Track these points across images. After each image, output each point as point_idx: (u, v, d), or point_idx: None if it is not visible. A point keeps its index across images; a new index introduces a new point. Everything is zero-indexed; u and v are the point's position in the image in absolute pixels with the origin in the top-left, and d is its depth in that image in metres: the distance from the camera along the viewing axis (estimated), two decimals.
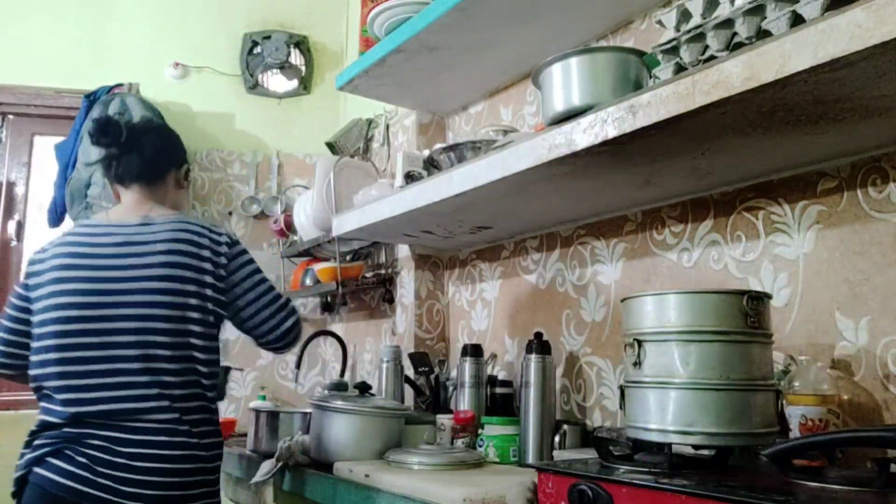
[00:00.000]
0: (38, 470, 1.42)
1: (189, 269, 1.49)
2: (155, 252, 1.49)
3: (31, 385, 1.53)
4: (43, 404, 1.49)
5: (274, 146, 3.13)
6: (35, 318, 1.52)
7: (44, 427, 1.46)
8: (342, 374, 2.69)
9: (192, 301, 1.49)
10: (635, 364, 1.13)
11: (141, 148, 1.62)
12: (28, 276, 1.58)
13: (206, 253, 1.51)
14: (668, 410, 1.08)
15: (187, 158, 1.77)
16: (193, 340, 1.50)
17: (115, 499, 1.36)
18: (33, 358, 1.50)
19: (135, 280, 1.47)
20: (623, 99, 1.19)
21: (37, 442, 1.45)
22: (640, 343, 1.13)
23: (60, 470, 1.39)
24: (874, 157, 1.27)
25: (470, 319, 2.28)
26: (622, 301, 1.21)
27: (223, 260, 1.53)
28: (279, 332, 1.61)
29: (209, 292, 1.52)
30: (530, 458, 1.57)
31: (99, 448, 1.39)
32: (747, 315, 1.08)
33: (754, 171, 1.42)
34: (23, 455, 1.47)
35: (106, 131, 1.59)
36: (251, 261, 1.60)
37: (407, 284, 2.41)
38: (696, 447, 1.13)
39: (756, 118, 1.12)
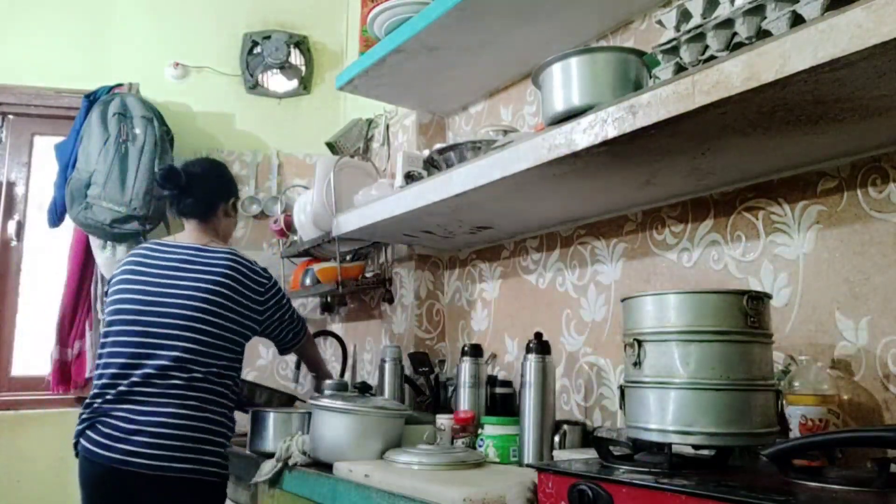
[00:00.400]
0: (81, 441, 1.78)
1: (235, 294, 1.87)
2: (210, 273, 1.86)
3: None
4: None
5: (274, 146, 3.13)
6: (104, 321, 1.93)
7: (85, 405, 1.82)
8: (342, 374, 2.69)
9: (230, 319, 1.85)
10: (635, 364, 1.13)
11: (195, 191, 2.02)
12: (107, 285, 2.03)
13: (251, 284, 1.91)
14: (668, 410, 1.08)
15: (236, 191, 2.14)
16: (223, 352, 1.84)
17: (131, 458, 1.70)
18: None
19: (188, 289, 1.83)
20: (623, 99, 1.19)
21: (82, 415, 1.82)
22: (640, 343, 1.13)
23: (94, 441, 1.74)
24: (874, 157, 1.27)
25: (470, 319, 2.28)
26: (622, 301, 1.21)
27: (261, 298, 1.93)
28: (291, 343, 2.11)
29: (246, 314, 1.89)
30: (530, 458, 1.57)
31: (121, 419, 1.74)
32: (747, 315, 1.08)
33: (754, 171, 1.42)
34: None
35: (169, 178, 1.99)
36: (282, 297, 2.01)
37: (407, 284, 2.41)
38: (696, 447, 1.13)
39: (756, 118, 1.12)
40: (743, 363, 1.07)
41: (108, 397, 1.76)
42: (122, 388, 1.75)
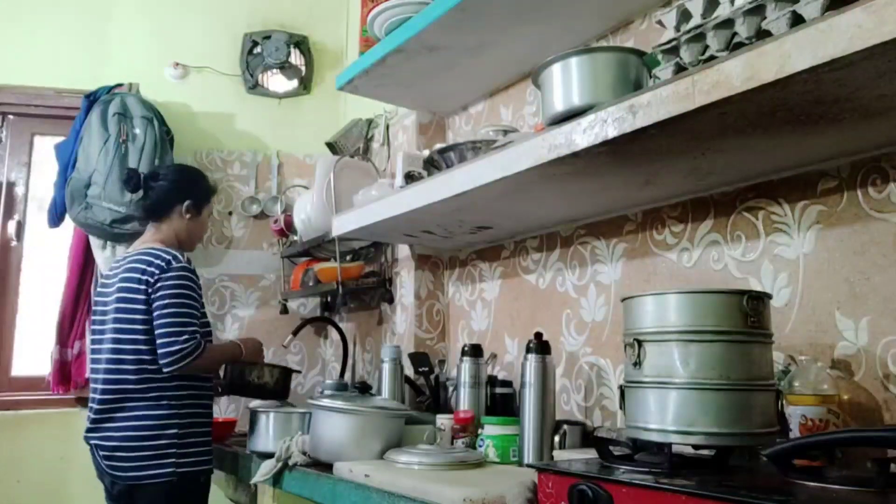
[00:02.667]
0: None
1: (133, 291, 1.95)
2: (115, 282, 1.99)
3: None
4: None
5: (274, 146, 3.13)
6: None
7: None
8: (342, 374, 2.69)
9: (139, 315, 1.94)
10: (635, 364, 1.13)
11: (150, 193, 2.11)
12: None
13: (146, 277, 1.94)
14: (669, 410, 1.08)
15: (200, 194, 2.15)
16: (141, 346, 1.93)
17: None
18: None
19: (113, 300, 1.98)
20: (623, 99, 1.19)
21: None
22: (640, 343, 1.13)
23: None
24: (874, 157, 1.27)
25: (470, 319, 2.28)
26: (622, 301, 1.21)
27: (153, 280, 1.93)
28: (161, 353, 1.90)
29: (143, 308, 1.94)
30: (530, 458, 1.57)
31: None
32: (747, 315, 1.08)
33: (754, 171, 1.42)
34: None
35: (128, 181, 2.14)
36: (174, 286, 1.94)
37: (407, 284, 2.41)
38: (696, 447, 1.13)
39: (756, 118, 1.12)
40: (743, 363, 1.07)
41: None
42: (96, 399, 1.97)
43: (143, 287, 1.92)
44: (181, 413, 1.93)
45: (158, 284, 1.92)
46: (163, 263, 1.94)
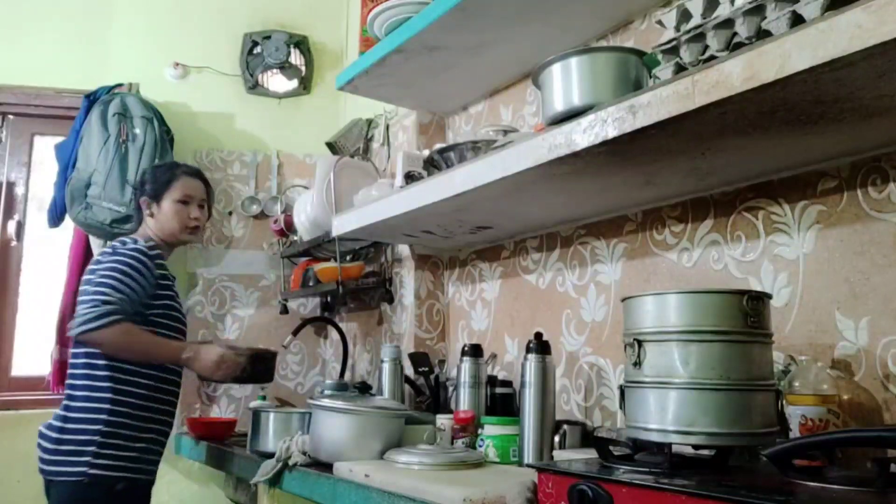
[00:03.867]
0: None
1: (88, 273, 1.95)
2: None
3: None
4: None
5: (274, 146, 3.12)
6: None
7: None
8: (342, 374, 2.69)
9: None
10: (635, 364, 1.13)
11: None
12: None
13: (97, 257, 2.00)
14: (669, 410, 1.08)
15: (153, 186, 2.13)
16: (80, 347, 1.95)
17: None
18: None
19: None
20: (623, 99, 1.19)
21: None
22: (640, 343, 1.13)
23: None
24: (874, 157, 1.27)
25: (470, 319, 2.28)
26: (622, 301, 1.21)
27: (99, 258, 1.97)
28: (75, 328, 1.83)
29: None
30: (530, 458, 1.57)
31: None
32: (747, 315, 1.08)
33: (754, 171, 1.42)
34: None
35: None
36: (112, 262, 1.91)
37: (407, 284, 2.41)
38: (696, 447, 1.13)
39: (756, 118, 1.12)
40: (743, 363, 1.07)
41: None
42: None
43: (93, 267, 1.94)
44: (114, 410, 1.86)
45: (100, 262, 1.92)
46: (110, 247, 1.98)
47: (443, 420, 1.82)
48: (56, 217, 2.69)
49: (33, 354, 2.79)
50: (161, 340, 1.96)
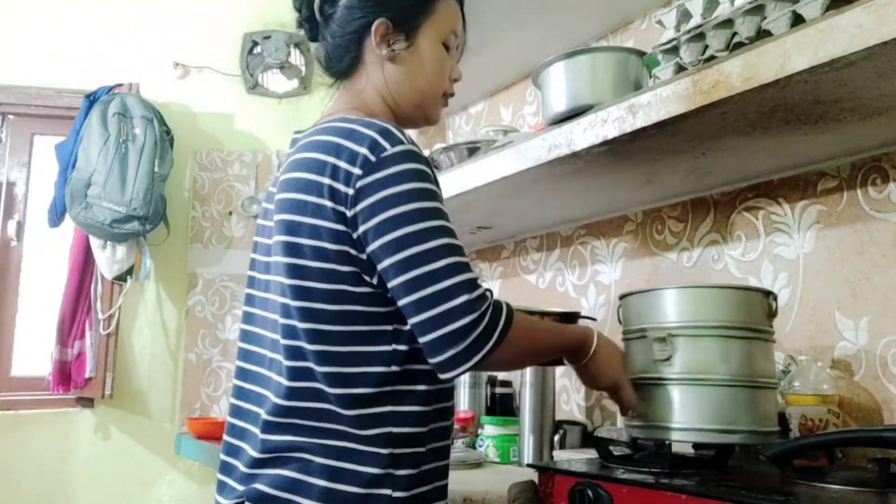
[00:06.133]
0: None
1: (303, 210, 0.96)
2: (277, 198, 1.03)
3: None
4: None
5: (274, 146, 3.12)
6: None
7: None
8: None
9: (315, 255, 1.00)
10: (664, 361, 1.08)
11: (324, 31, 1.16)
12: None
13: (328, 180, 0.95)
14: (705, 408, 1.05)
15: (398, 5, 1.09)
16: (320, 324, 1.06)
17: None
18: None
19: (272, 235, 1.08)
20: (623, 99, 1.19)
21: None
22: (671, 338, 1.08)
23: None
24: (874, 157, 1.27)
25: None
26: (640, 293, 1.17)
27: (350, 182, 0.94)
28: (428, 340, 0.93)
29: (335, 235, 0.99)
30: (530, 458, 1.57)
31: None
32: (769, 314, 1.10)
33: (754, 171, 1.41)
34: None
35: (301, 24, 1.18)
36: (400, 192, 0.93)
37: None
38: (723, 446, 1.12)
39: (756, 118, 1.12)
40: (770, 362, 1.09)
41: None
42: None
43: (324, 202, 0.94)
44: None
45: (363, 197, 0.92)
46: (362, 150, 0.93)
47: None
48: (56, 217, 2.69)
49: (33, 354, 2.79)
50: (550, 323, 1.17)
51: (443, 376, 0.91)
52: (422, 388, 0.95)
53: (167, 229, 2.77)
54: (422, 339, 0.91)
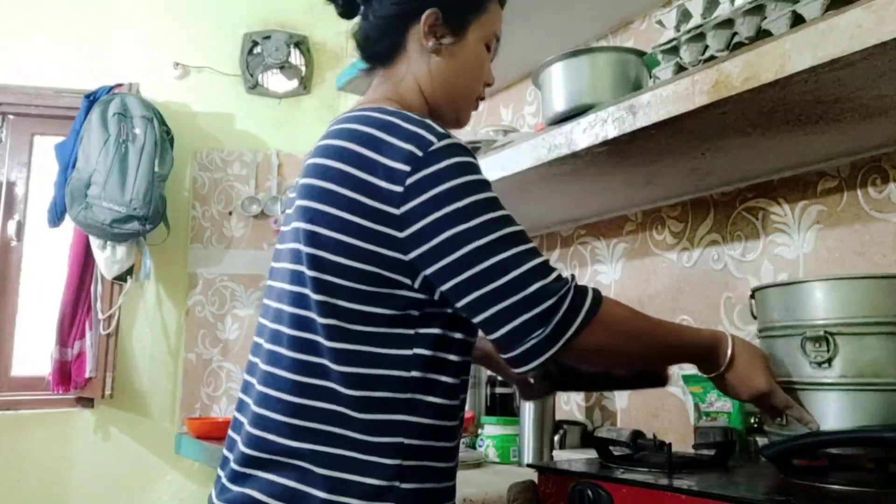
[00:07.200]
0: None
1: (337, 203, 0.91)
2: (299, 191, 1.00)
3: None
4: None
5: (274, 146, 3.12)
6: None
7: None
8: None
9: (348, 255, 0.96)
10: (823, 363, 0.96)
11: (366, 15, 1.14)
12: None
13: (365, 175, 0.90)
14: (872, 417, 0.94)
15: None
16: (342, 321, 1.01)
17: None
18: None
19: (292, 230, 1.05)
20: (623, 99, 1.19)
21: None
22: (831, 337, 0.96)
23: None
24: (874, 157, 1.27)
25: None
26: (785, 286, 1.04)
27: (394, 183, 0.89)
28: (502, 339, 0.89)
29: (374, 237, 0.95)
30: (530, 458, 1.57)
31: None
32: None
33: (754, 171, 1.42)
34: None
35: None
36: (450, 189, 0.89)
37: None
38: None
39: (756, 118, 1.12)
40: None
41: None
42: None
43: (364, 199, 0.89)
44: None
45: (414, 196, 0.87)
46: (408, 147, 0.89)
47: None
48: (56, 217, 2.69)
49: (33, 354, 2.79)
50: (664, 320, 1.02)
51: (519, 370, 0.86)
52: (438, 401, 0.90)
53: (167, 229, 2.77)
54: (494, 335, 0.85)
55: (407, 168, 0.87)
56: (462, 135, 2.38)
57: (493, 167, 1.48)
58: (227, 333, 2.93)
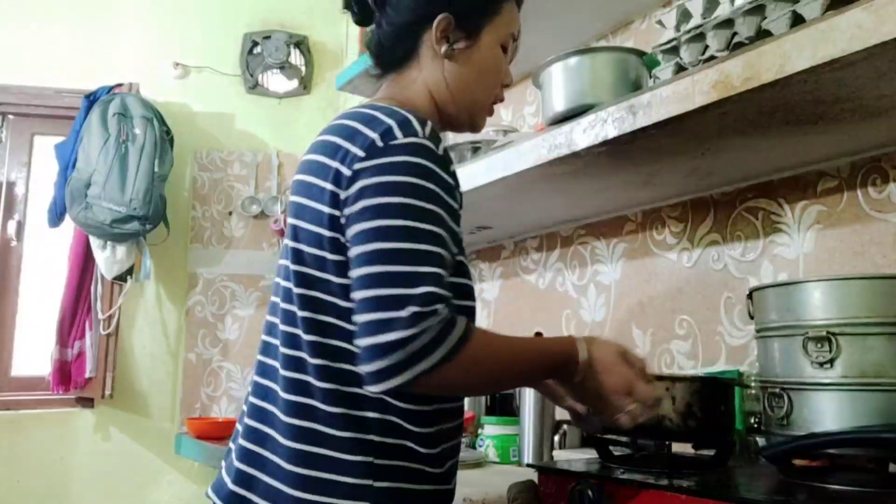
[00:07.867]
0: None
1: (312, 195, 0.93)
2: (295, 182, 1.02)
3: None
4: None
5: (274, 146, 3.12)
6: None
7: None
8: None
9: (321, 247, 0.97)
10: (825, 364, 0.96)
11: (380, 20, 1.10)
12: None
13: (335, 164, 0.90)
14: (875, 418, 0.94)
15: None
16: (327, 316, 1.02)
17: None
18: None
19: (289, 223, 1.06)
20: (623, 99, 1.19)
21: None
22: (833, 337, 0.95)
23: None
24: (874, 157, 1.27)
25: None
26: (784, 286, 1.04)
27: (348, 171, 0.89)
28: (362, 346, 0.87)
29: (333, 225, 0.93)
30: (530, 458, 1.56)
31: None
32: None
33: (754, 171, 1.41)
34: None
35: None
36: (386, 183, 0.87)
37: None
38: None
39: (756, 118, 1.12)
40: None
41: None
42: None
43: (327, 185, 0.89)
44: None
45: (357, 180, 0.87)
46: (373, 136, 0.89)
47: None
48: (56, 217, 2.69)
49: (33, 354, 2.79)
50: (527, 340, 1.09)
51: (369, 388, 0.81)
52: (407, 406, 0.88)
53: (167, 229, 2.77)
54: (358, 342, 0.82)
55: (362, 154, 0.87)
56: (463, 135, 2.37)
57: (493, 167, 1.48)
58: (227, 333, 2.93)
